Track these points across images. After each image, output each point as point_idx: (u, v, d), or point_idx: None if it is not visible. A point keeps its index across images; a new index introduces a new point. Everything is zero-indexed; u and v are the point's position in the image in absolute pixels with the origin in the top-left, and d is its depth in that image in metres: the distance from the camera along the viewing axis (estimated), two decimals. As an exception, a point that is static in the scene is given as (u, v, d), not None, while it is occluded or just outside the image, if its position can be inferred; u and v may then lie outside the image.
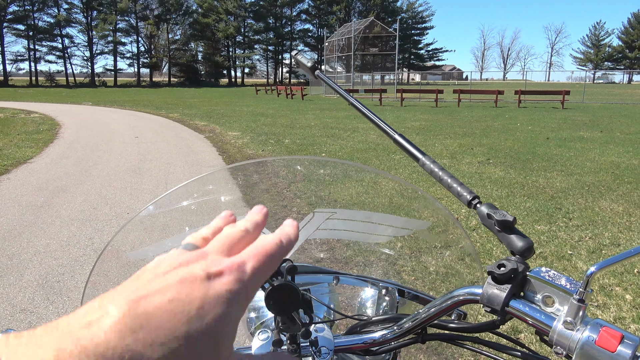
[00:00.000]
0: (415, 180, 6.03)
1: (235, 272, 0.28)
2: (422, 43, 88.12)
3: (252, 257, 0.30)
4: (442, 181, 0.62)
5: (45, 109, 19.42)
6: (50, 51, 68.44)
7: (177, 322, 0.25)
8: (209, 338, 0.25)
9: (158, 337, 0.24)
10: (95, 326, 0.23)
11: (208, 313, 0.26)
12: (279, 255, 0.32)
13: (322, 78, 0.86)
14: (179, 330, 0.24)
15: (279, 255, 0.32)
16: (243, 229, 0.33)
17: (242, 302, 0.28)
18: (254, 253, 0.30)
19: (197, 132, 11.71)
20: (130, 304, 0.24)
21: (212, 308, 0.26)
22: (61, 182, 6.15)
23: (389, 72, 54.82)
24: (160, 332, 0.24)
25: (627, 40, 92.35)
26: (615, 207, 4.96)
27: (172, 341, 0.24)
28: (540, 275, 0.47)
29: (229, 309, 0.27)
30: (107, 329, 0.23)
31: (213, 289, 0.26)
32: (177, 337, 0.24)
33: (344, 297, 0.94)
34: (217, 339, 0.26)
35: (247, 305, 0.29)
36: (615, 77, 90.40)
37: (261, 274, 0.30)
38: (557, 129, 12.23)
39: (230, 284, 0.27)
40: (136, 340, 0.23)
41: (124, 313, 0.24)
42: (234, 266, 0.28)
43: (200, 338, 0.25)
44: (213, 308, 0.26)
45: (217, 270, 0.28)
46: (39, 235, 4.07)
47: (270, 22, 78.76)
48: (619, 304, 2.89)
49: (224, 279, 0.27)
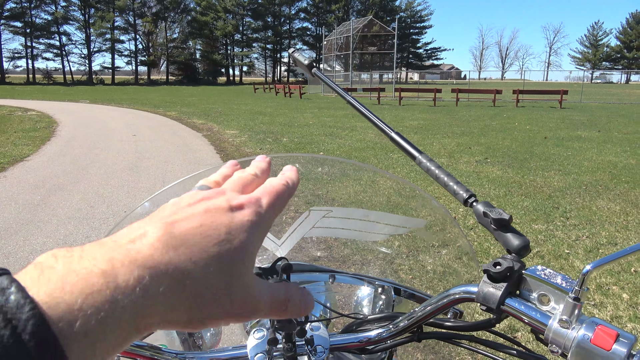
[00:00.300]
0: (413, 178, 6.04)
1: (253, 205, 0.31)
2: (420, 42, 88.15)
3: (266, 194, 0.33)
4: (439, 179, 0.62)
5: (42, 106, 19.35)
6: (47, 49, 68.18)
7: (208, 243, 0.28)
8: (236, 259, 0.29)
9: (194, 254, 0.27)
10: (139, 242, 0.26)
11: (235, 238, 0.29)
12: (286, 194, 0.35)
13: (319, 76, 0.86)
14: (211, 250, 0.28)
15: (287, 194, 0.35)
16: (253, 173, 0.37)
17: (260, 232, 0.31)
18: (266, 191, 0.34)
19: (195, 130, 11.69)
20: (166, 226, 0.28)
21: (237, 234, 0.29)
22: (58, 180, 6.14)
23: (388, 71, 54.79)
24: (195, 249, 0.27)
25: (625, 40, 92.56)
26: (612, 206, 4.97)
27: (206, 259, 0.27)
28: (536, 273, 0.46)
29: (251, 237, 0.30)
30: (151, 244, 0.26)
31: (237, 218, 0.30)
32: (210, 255, 0.28)
33: (341, 296, 0.94)
34: (243, 260, 0.29)
35: (264, 236, 0.32)
36: (613, 77, 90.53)
37: (274, 209, 0.33)
38: (555, 128, 12.25)
39: (251, 215, 0.31)
40: (177, 255, 0.26)
41: (162, 232, 0.27)
42: (252, 200, 0.32)
43: (229, 258, 0.28)
44: (239, 234, 0.29)
45: (238, 203, 0.31)
46: (36, 234, 4.05)
47: (269, 20, 78.69)
48: (616, 303, 2.90)
49: (245, 211, 0.31)
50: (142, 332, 0.26)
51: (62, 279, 0.23)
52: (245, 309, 0.30)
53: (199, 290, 0.27)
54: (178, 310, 0.26)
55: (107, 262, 0.25)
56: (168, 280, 0.26)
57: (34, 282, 0.23)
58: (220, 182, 0.36)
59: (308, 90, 30.93)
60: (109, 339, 0.23)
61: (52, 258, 0.24)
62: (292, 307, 0.34)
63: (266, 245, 0.87)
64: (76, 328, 0.22)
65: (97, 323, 0.23)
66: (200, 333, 0.86)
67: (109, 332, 0.23)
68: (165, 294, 0.25)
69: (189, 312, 0.27)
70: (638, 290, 3.06)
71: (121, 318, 0.24)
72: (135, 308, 0.24)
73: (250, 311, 0.30)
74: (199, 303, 0.27)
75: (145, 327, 0.25)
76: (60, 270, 0.24)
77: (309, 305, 0.35)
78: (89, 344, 0.22)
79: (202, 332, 0.87)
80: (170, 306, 0.26)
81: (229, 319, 0.29)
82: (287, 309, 0.33)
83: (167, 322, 0.26)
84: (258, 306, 0.31)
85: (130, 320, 0.24)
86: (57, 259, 0.24)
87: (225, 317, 0.29)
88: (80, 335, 0.22)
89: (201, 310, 0.27)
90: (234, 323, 0.31)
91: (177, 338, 0.84)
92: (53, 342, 0.21)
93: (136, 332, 0.25)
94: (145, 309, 0.25)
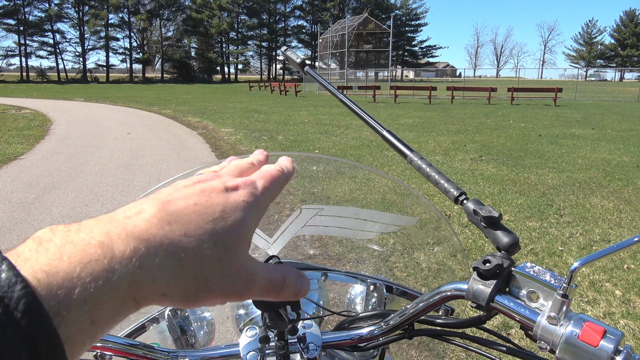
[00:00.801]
0: (407, 177, 6.05)
1: (249, 186, 0.32)
2: (416, 40, 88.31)
3: (261, 178, 0.34)
4: (430, 177, 0.62)
5: (36, 105, 19.24)
6: (41, 46, 67.70)
7: (203, 220, 0.29)
8: (231, 237, 0.30)
9: (189, 230, 0.28)
10: (135, 218, 0.27)
11: (230, 216, 0.30)
12: (281, 180, 0.36)
13: (311, 74, 0.86)
14: (206, 226, 0.28)
15: (282, 180, 0.36)
16: (249, 162, 0.38)
17: (255, 213, 0.32)
18: (262, 175, 0.35)
19: (190, 128, 11.66)
20: (161, 204, 0.28)
21: (233, 212, 0.30)
22: (52, 178, 6.10)
23: (383, 68, 54.84)
24: (191, 226, 0.28)
25: (619, 38, 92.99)
26: (605, 203, 5.00)
27: (201, 235, 0.28)
28: (525, 270, 0.47)
29: (246, 216, 0.31)
30: (147, 220, 0.27)
31: (232, 198, 0.31)
32: (205, 231, 0.28)
33: (334, 294, 0.94)
34: (237, 238, 0.30)
35: (259, 217, 0.33)
36: (607, 74, 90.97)
37: (269, 191, 0.34)
38: (550, 126, 12.30)
39: (246, 196, 0.32)
40: (172, 230, 0.27)
41: (158, 209, 0.28)
42: (247, 182, 0.33)
43: (224, 235, 0.29)
44: (234, 212, 0.30)
45: (233, 185, 0.32)
46: (29, 233, 3.98)
47: (264, 18, 78.50)
48: (609, 300, 2.92)
49: (240, 192, 0.32)
50: (140, 304, 0.26)
51: (60, 249, 0.24)
52: (241, 285, 0.30)
53: (194, 265, 0.28)
54: (174, 284, 0.27)
55: (105, 234, 0.25)
56: (163, 252, 0.26)
57: (32, 252, 0.23)
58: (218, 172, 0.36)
59: (303, 88, 30.90)
60: (106, 308, 0.24)
61: (49, 232, 0.25)
62: (287, 289, 0.34)
63: (258, 243, 0.87)
64: (75, 295, 0.23)
65: (96, 291, 0.23)
66: (193, 331, 0.86)
67: (107, 301, 0.24)
68: (160, 266, 0.26)
69: (184, 286, 0.28)
70: (630, 287, 3.08)
71: (118, 287, 0.25)
72: (132, 278, 0.25)
73: (245, 288, 0.31)
74: (195, 277, 0.28)
75: (142, 299, 0.26)
76: (58, 242, 0.24)
77: (304, 288, 0.35)
78: (88, 310, 0.23)
79: (195, 331, 0.87)
80: (166, 279, 0.27)
81: (224, 296, 0.30)
82: (282, 289, 0.34)
83: (163, 295, 0.27)
84: (253, 284, 0.31)
85: (128, 290, 0.25)
86: (54, 232, 0.25)
87: (220, 293, 0.30)
88: (80, 302, 0.23)
89: (197, 285, 0.28)
90: (230, 301, 0.31)
91: (169, 337, 0.84)
92: (45, 319, 0.21)
93: (134, 303, 0.26)
94: (141, 280, 0.25)
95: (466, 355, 2.36)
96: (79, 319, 0.23)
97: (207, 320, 0.89)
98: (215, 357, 0.68)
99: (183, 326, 0.85)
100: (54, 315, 0.22)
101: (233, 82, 71.77)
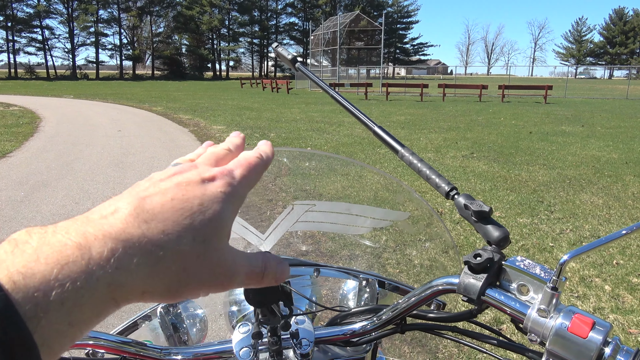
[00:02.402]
0: (400, 173, 6.07)
1: (226, 176, 0.32)
2: (407, 37, 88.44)
3: (239, 166, 0.33)
4: (421, 173, 0.63)
5: (25, 102, 19.01)
6: (29, 42, 66.87)
7: (181, 216, 0.28)
8: (210, 230, 0.29)
9: (167, 227, 0.27)
10: (111, 217, 0.27)
11: (208, 209, 0.29)
12: (260, 167, 0.35)
13: (302, 70, 0.86)
14: (184, 222, 0.28)
15: (261, 167, 0.35)
16: (226, 147, 0.37)
17: (234, 203, 0.31)
18: (239, 164, 0.34)
19: (181, 125, 11.59)
20: (137, 201, 0.28)
21: (210, 205, 0.29)
22: (42, 176, 6.04)
23: (375, 66, 54.87)
24: (168, 223, 0.27)
25: (608, 36, 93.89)
26: (595, 200, 5.06)
27: (179, 231, 0.28)
28: (516, 264, 0.47)
29: (224, 207, 0.30)
30: (123, 219, 0.27)
31: (209, 190, 0.30)
32: (183, 227, 0.28)
33: (326, 290, 0.94)
34: (217, 231, 0.30)
35: (238, 207, 0.32)
36: (597, 72, 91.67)
37: (247, 180, 0.33)
38: (540, 123, 12.39)
39: (223, 186, 0.31)
40: (149, 228, 0.27)
41: (134, 206, 0.27)
42: (224, 172, 0.32)
43: (203, 229, 0.29)
44: (212, 205, 0.29)
45: (210, 175, 0.31)
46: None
47: (255, 15, 78.13)
48: (599, 295, 2.96)
49: (217, 182, 0.31)
50: (120, 304, 0.26)
51: (36, 251, 0.23)
52: (222, 277, 0.30)
53: (173, 261, 0.27)
54: (154, 282, 0.27)
55: (81, 235, 0.25)
56: (141, 252, 0.26)
57: (8, 254, 0.23)
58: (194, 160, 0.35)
59: (295, 86, 30.83)
60: (85, 309, 0.24)
61: (26, 234, 0.25)
62: (268, 276, 0.34)
63: (250, 239, 0.87)
64: (52, 297, 0.22)
65: (73, 292, 0.23)
66: (186, 328, 0.86)
67: (85, 302, 0.24)
68: (139, 266, 0.26)
69: (165, 282, 0.27)
70: (619, 282, 3.12)
71: (97, 288, 0.24)
72: (110, 279, 0.25)
73: (227, 279, 0.31)
74: (175, 273, 0.28)
75: (122, 299, 0.26)
76: (34, 244, 0.24)
77: (285, 272, 0.35)
78: (66, 312, 0.23)
79: (188, 328, 0.86)
80: (146, 277, 0.26)
81: (206, 288, 0.30)
82: (263, 277, 0.34)
83: (145, 293, 0.27)
84: (235, 274, 0.31)
85: (107, 291, 0.25)
86: (31, 234, 0.25)
87: (203, 286, 0.30)
88: (57, 304, 0.23)
89: (178, 280, 0.28)
90: (213, 292, 0.31)
91: (162, 334, 0.84)
92: (20, 323, 0.21)
93: (114, 303, 0.26)
94: (120, 280, 0.25)
95: (458, 350, 2.38)
96: (56, 320, 0.23)
97: (199, 317, 0.89)
98: (208, 354, 0.68)
99: (175, 323, 0.85)
100: (31, 317, 0.22)
101: (224, 79, 71.43)
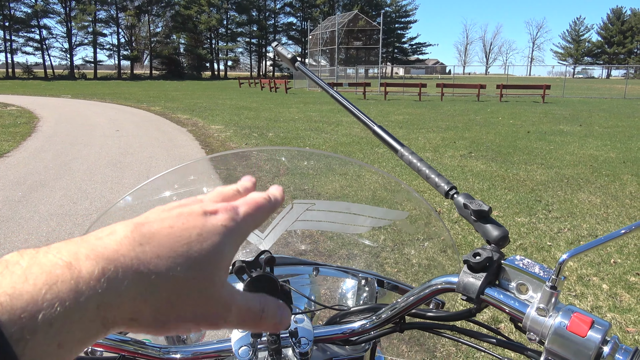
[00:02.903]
0: (398, 173, 6.07)
1: (229, 212, 0.31)
2: (405, 37, 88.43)
3: (244, 204, 0.33)
4: (420, 172, 0.63)
5: (22, 101, 18.96)
6: (27, 42, 66.63)
7: (177, 243, 0.28)
8: (207, 261, 0.28)
9: (162, 252, 0.27)
10: (106, 239, 0.27)
11: (206, 240, 0.29)
12: (267, 208, 0.35)
13: (302, 70, 0.86)
14: (180, 249, 0.28)
15: (267, 208, 0.35)
16: (235, 188, 0.37)
17: (235, 238, 0.31)
18: (245, 202, 0.34)
19: (179, 125, 11.58)
20: (135, 225, 0.28)
21: (210, 236, 0.29)
22: (40, 176, 6.03)
23: (373, 65, 54.84)
24: (164, 248, 0.27)
25: (606, 35, 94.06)
26: (593, 199, 5.07)
27: (174, 257, 0.27)
28: (515, 263, 0.47)
29: (224, 240, 0.30)
30: (118, 241, 0.27)
31: (210, 222, 0.30)
32: (179, 254, 0.27)
33: (326, 289, 0.94)
34: (214, 263, 0.29)
35: (240, 243, 0.32)
36: (595, 72, 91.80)
37: (252, 218, 0.33)
38: (538, 122, 12.41)
39: (225, 220, 0.30)
40: (143, 252, 0.27)
41: (131, 230, 0.27)
42: (228, 207, 0.32)
43: (199, 259, 0.28)
44: (211, 237, 0.29)
45: (212, 209, 0.31)
46: (17, 231, 3.98)
47: (254, 14, 78.07)
48: (596, 294, 2.96)
49: (219, 216, 0.31)
50: (108, 328, 0.26)
51: (25, 272, 0.23)
52: (215, 313, 0.29)
53: (166, 288, 0.27)
54: (143, 307, 0.26)
55: (73, 255, 0.25)
56: (133, 274, 0.26)
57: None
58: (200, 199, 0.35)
59: (294, 85, 30.82)
60: (74, 330, 0.23)
61: (17, 255, 0.25)
62: (266, 320, 0.33)
63: (250, 238, 0.86)
64: (40, 318, 0.22)
65: (62, 313, 0.23)
66: None
67: (74, 323, 0.23)
68: (130, 288, 0.25)
69: (154, 310, 0.27)
70: (617, 281, 3.13)
71: (86, 309, 0.24)
72: (100, 300, 0.24)
73: (219, 316, 0.30)
74: (165, 301, 0.27)
75: (111, 322, 0.25)
76: (24, 264, 0.24)
77: (285, 319, 0.34)
78: (54, 334, 0.23)
79: None
80: (136, 302, 0.26)
81: (198, 323, 0.29)
82: (260, 321, 0.32)
83: (132, 320, 0.26)
84: (229, 312, 0.30)
85: (96, 312, 0.24)
86: (22, 255, 0.25)
87: (193, 320, 0.29)
88: (45, 326, 0.22)
89: (167, 309, 0.27)
90: (205, 329, 0.30)
91: None
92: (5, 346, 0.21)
93: (102, 327, 0.25)
94: (109, 301, 0.25)
95: (456, 349, 2.38)
96: (44, 342, 0.22)
97: None
98: (207, 353, 0.68)
99: None
100: (17, 340, 0.21)
101: (222, 78, 71.33)
